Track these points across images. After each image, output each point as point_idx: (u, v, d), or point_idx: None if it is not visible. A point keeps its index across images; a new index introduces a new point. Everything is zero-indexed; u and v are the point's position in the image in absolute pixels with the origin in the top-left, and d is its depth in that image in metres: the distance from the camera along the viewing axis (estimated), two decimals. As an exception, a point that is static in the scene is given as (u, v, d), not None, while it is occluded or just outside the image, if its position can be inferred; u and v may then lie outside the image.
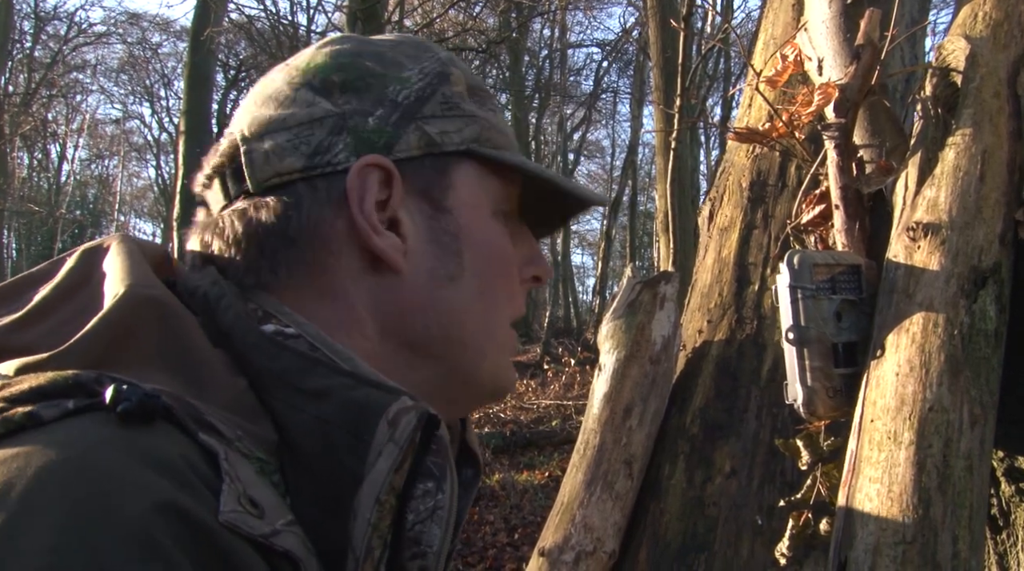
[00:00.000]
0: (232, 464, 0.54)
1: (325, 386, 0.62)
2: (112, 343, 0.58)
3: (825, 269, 1.18)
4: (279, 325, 0.67)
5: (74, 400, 0.52)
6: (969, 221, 1.12)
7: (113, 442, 0.49)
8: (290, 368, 0.63)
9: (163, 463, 0.49)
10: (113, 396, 0.51)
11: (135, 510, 0.45)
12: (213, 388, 0.60)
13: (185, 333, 0.62)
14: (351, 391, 0.62)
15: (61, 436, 0.49)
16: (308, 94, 0.74)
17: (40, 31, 24.21)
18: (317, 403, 0.62)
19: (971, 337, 1.05)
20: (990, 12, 1.29)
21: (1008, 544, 1.15)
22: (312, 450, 0.61)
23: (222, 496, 0.50)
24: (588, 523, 1.91)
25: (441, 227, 0.75)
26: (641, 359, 2.04)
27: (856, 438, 1.07)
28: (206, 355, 0.63)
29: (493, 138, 0.78)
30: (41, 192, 27.68)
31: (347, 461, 0.60)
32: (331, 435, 0.60)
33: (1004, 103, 1.21)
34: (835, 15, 1.49)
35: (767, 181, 2.13)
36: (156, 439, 0.51)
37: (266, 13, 15.22)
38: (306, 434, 0.61)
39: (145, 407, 0.52)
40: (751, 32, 11.68)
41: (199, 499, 0.49)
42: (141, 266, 0.66)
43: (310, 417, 0.61)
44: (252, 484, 0.55)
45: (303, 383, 0.62)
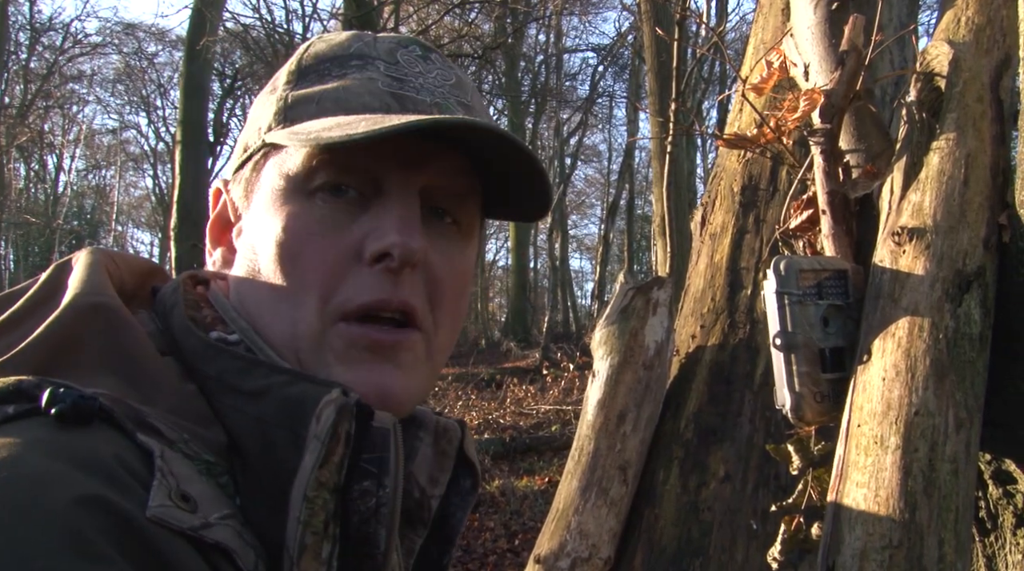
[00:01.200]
0: (167, 461, 0.55)
1: (263, 385, 0.63)
2: (57, 349, 0.60)
3: (811, 275, 1.19)
4: (223, 332, 0.70)
5: (14, 406, 0.53)
6: (954, 225, 1.13)
7: (43, 444, 0.51)
8: (228, 369, 0.65)
9: (91, 462, 0.51)
10: (48, 399, 0.53)
11: (60, 503, 0.46)
12: (159, 393, 0.62)
13: (131, 340, 0.64)
14: (287, 387, 0.63)
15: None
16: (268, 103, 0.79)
17: (36, 42, 24.22)
18: (256, 403, 0.63)
19: (956, 341, 1.06)
20: (973, 17, 1.30)
21: (996, 546, 1.16)
22: (254, 449, 0.62)
23: (151, 491, 0.52)
24: (583, 529, 1.91)
25: (247, 227, 0.76)
26: (635, 365, 2.05)
27: (843, 443, 1.08)
28: (152, 361, 0.64)
29: (294, 114, 0.73)
30: (38, 203, 27.68)
31: (285, 458, 0.60)
32: (269, 433, 0.61)
33: (987, 107, 1.21)
34: (820, 21, 1.49)
35: (758, 186, 2.13)
36: (88, 440, 0.53)
37: (261, 22, 15.26)
38: (248, 434, 0.62)
39: (80, 409, 0.53)
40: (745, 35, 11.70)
41: (127, 494, 0.50)
42: (96, 276, 0.68)
43: (250, 417, 0.62)
44: (187, 480, 0.55)
45: (242, 384, 0.64)
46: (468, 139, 0.72)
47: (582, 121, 28.22)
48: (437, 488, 0.80)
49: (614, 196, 27.41)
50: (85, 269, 0.68)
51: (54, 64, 24.42)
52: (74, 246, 26.44)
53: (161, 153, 29.02)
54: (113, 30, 26.58)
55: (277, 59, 14.48)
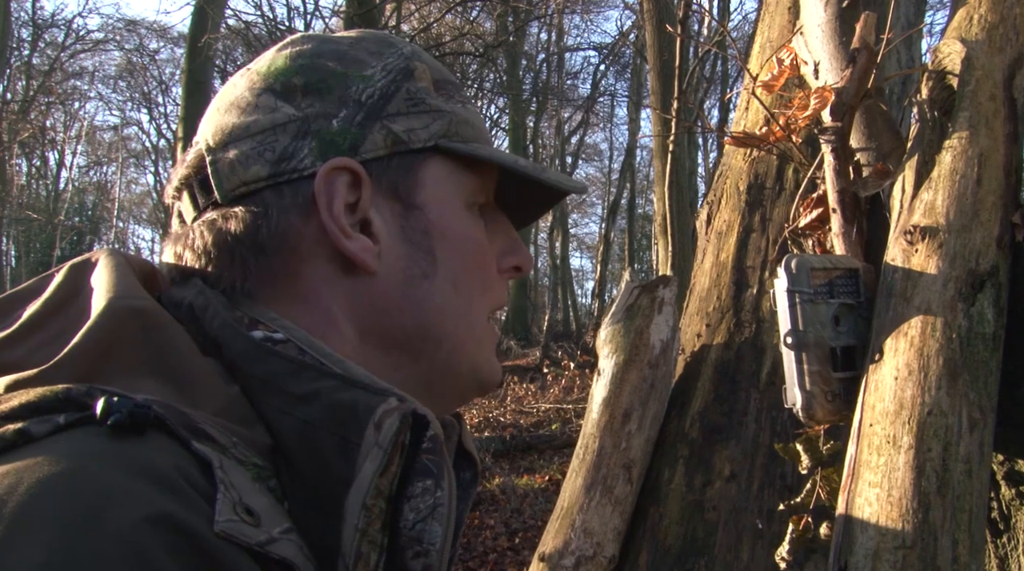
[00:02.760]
0: (227, 472, 0.53)
1: (313, 389, 0.62)
2: (99, 355, 0.58)
3: (823, 273, 1.18)
4: (267, 331, 0.68)
5: (65, 415, 0.52)
6: (966, 224, 1.12)
7: (104, 455, 0.49)
8: (278, 372, 0.63)
9: (155, 474, 0.49)
10: (104, 409, 0.51)
11: (127, 522, 0.44)
12: (204, 396, 0.61)
13: (172, 342, 0.62)
14: (338, 393, 0.62)
15: (53, 451, 0.48)
16: (270, 99, 0.73)
17: (38, 38, 24.23)
18: (304, 406, 0.62)
19: (969, 340, 1.05)
20: (986, 15, 1.29)
21: (1009, 547, 1.15)
22: (301, 453, 0.61)
23: (217, 505, 0.50)
24: (588, 528, 1.91)
25: (412, 225, 0.75)
26: (640, 363, 2.04)
27: (855, 442, 1.07)
28: (195, 363, 0.63)
29: (462, 131, 0.78)
30: (40, 199, 27.67)
31: (335, 464, 0.59)
32: (317, 438, 0.60)
33: (1000, 106, 1.21)
34: (830, 19, 1.49)
35: (764, 184, 2.13)
36: (148, 450, 0.51)
37: (263, 19, 15.25)
38: (294, 437, 0.61)
39: (136, 418, 0.51)
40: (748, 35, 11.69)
41: (194, 509, 0.49)
42: (127, 278, 0.66)
43: (298, 420, 0.61)
44: (248, 491, 0.54)
45: (291, 387, 0.62)
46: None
47: (583, 120, 28.21)
48: None
49: (615, 195, 27.41)
50: (113, 271, 0.66)
51: (56, 60, 24.42)
52: (75, 242, 26.45)
53: (163, 150, 29.04)
54: (115, 26, 26.61)
55: (279, 56, 14.46)
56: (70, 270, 0.68)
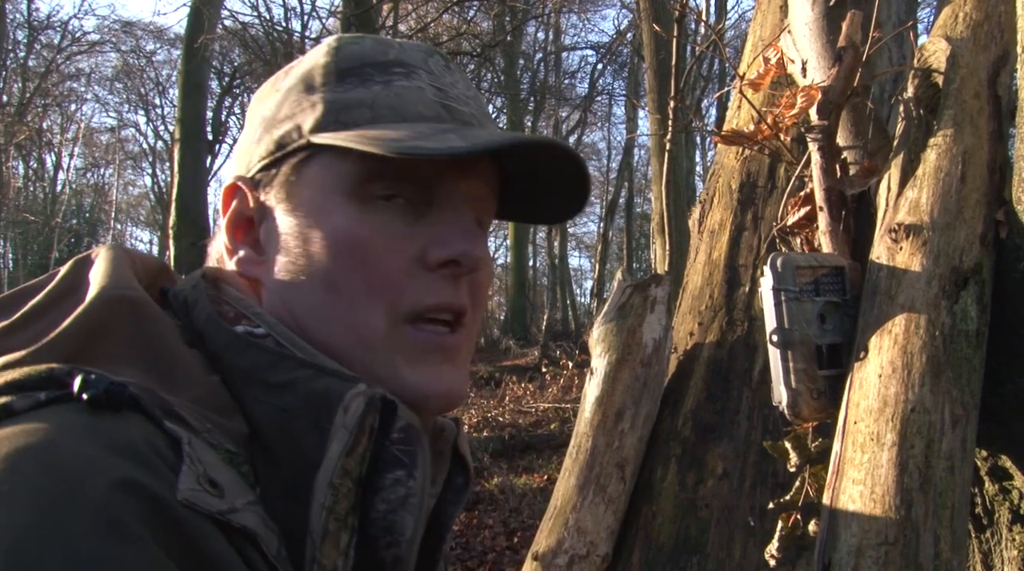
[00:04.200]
0: (194, 448, 0.56)
1: (290, 379, 0.65)
2: (86, 339, 0.61)
3: (808, 271, 1.19)
4: (250, 326, 0.71)
5: (46, 392, 0.55)
6: (950, 222, 1.13)
7: (77, 428, 0.52)
8: (258, 363, 0.66)
9: (124, 445, 0.52)
10: (80, 385, 0.54)
11: (96, 487, 0.48)
12: (184, 383, 0.63)
13: (158, 332, 0.65)
14: (312, 381, 0.64)
15: (31, 425, 0.52)
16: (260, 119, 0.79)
17: (34, 40, 24.19)
18: (281, 395, 0.64)
19: (952, 337, 1.06)
20: (970, 13, 1.30)
21: (992, 542, 1.15)
22: (277, 440, 0.63)
23: (181, 476, 0.53)
24: (581, 527, 1.91)
25: (289, 230, 0.73)
26: (632, 362, 2.05)
27: (840, 440, 1.08)
28: (178, 353, 0.66)
29: (345, 117, 0.73)
30: (37, 202, 27.63)
31: (308, 448, 0.62)
32: (294, 424, 0.63)
33: (985, 104, 1.21)
34: (818, 17, 1.49)
35: (756, 183, 2.13)
36: (120, 425, 0.54)
37: (260, 19, 15.25)
38: (272, 425, 0.64)
39: (111, 396, 0.55)
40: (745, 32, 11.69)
41: (159, 478, 0.52)
42: (120, 269, 0.69)
43: (275, 408, 0.64)
44: (213, 467, 0.57)
45: (270, 377, 0.65)
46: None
47: (581, 119, 28.19)
48: (434, 487, 0.81)
49: (613, 194, 27.40)
50: (108, 263, 0.69)
51: (52, 62, 24.38)
52: (73, 244, 26.43)
53: (160, 151, 29.01)
54: (111, 28, 26.54)
55: (276, 57, 14.48)
56: (74, 265, 0.71)
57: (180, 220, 12.81)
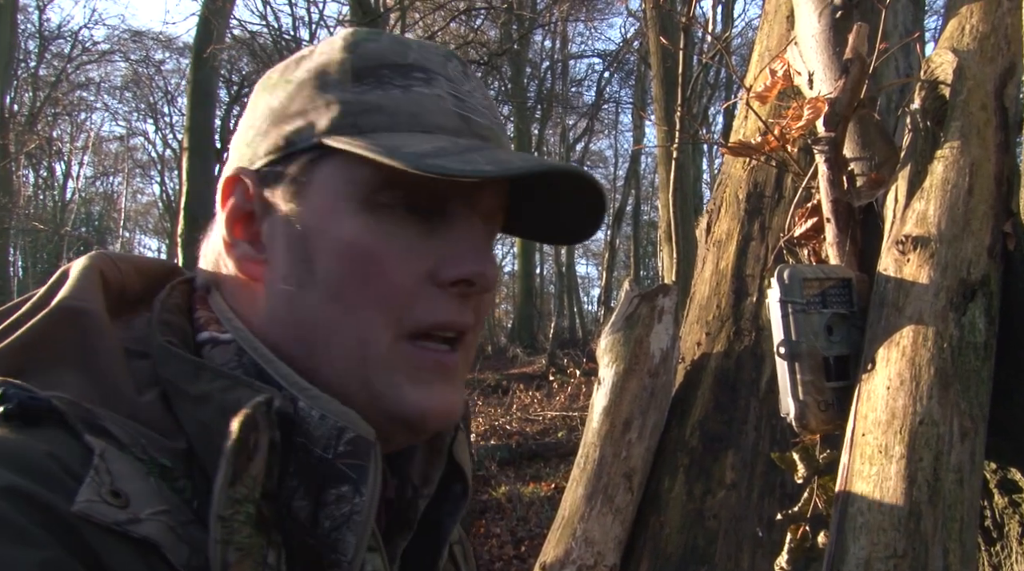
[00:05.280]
0: (106, 460, 0.56)
1: (206, 391, 0.63)
2: (30, 352, 0.62)
3: (816, 283, 1.19)
4: (217, 331, 0.69)
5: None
6: (958, 234, 1.13)
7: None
8: (178, 374, 0.64)
9: (17, 457, 0.53)
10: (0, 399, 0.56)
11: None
12: (121, 398, 0.63)
13: (102, 345, 0.65)
14: (227, 393, 0.62)
15: None
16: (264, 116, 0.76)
17: (44, 50, 24.34)
18: (200, 408, 0.62)
19: (961, 350, 1.06)
20: (977, 25, 1.30)
21: (1002, 556, 1.15)
22: (204, 455, 0.61)
23: (81, 488, 0.53)
24: (589, 537, 1.91)
25: (293, 230, 0.69)
26: (640, 372, 2.05)
27: (848, 452, 1.08)
28: (117, 366, 0.64)
29: (363, 122, 0.69)
30: (46, 210, 27.76)
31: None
32: (212, 440, 0.60)
33: (991, 115, 1.21)
34: (824, 29, 1.49)
35: (764, 193, 2.14)
36: (29, 438, 0.55)
37: (268, 29, 15.31)
38: (197, 439, 0.62)
39: (27, 409, 0.56)
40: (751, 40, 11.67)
41: (54, 489, 0.52)
42: (84, 281, 0.68)
43: (197, 423, 0.62)
44: (125, 478, 0.56)
45: (191, 389, 0.63)
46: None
47: (588, 127, 28.22)
48: (428, 487, 0.79)
49: (620, 202, 27.40)
50: (76, 275, 0.69)
51: (62, 71, 24.53)
52: (82, 253, 26.38)
53: (168, 160, 29.10)
54: (121, 37, 26.69)
55: (284, 66, 14.51)
56: (58, 276, 0.71)
57: (188, 228, 12.85)
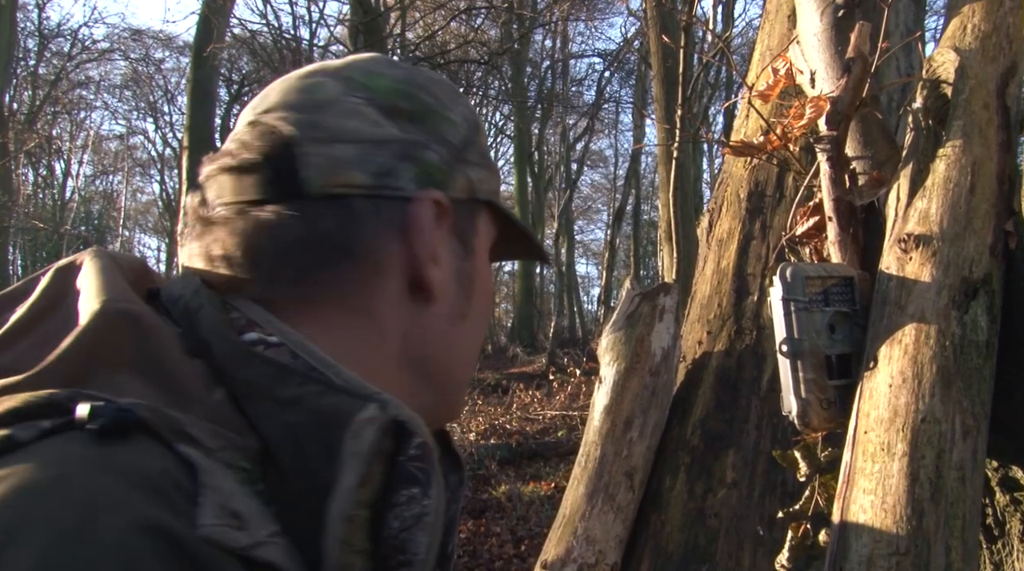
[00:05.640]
0: (211, 475, 0.53)
1: (296, 395, 0.62)
2: (87, 359, 0.58)
3: (818, 281, 1.19)
4: (262, 333, 0.67)
5: (51, 420, 0.52)
6: (960, 232, 1.13)
7: (90, 461, 0.49)
8: (262, 376, 0.63)
9: (142, 479, 0.49)
10: (89, 413, 0.51)
11: (115, 530, 0.45)
12: (191, 399, 0.60)
13: (160, 345, 0.62)
14: (320, 398, 0.62)
15: (38, 458, 0.49)
16: (375, 113, 0.73)
17: (44, 48, 24.33)
18: (288, 411, 0.61)
19: (963, 348, 1.06)
20: (979, 24, 1.30)
21: (1004, 554, 1.15)
22: (287, 458, 0.60)
23: (200, 509, 0.50)
24: (590, 536, 1.91)
25: (465, 268, 0.78)
26: (641, 371, 2.05)
27: (850, 450, 1.08)
28: (182, 367, 0.62)
29: (489, 188, 0.82)
30: (46, 209, 27.74)
31: (318, 471, 0.59)
32: (301, 444, 0.60)
33: (993, 115, 1.21)
34: (826, 28, 1.50)
35: (765, 192, 2.14)
36: (134, 454, 0.51)
37: (268, 28, 15.30)
38: (280, 441, 0.61)
39: (119, 422, 0.52)
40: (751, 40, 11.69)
41: (178, 514, 0.49)
42: (115, 280, 0.66)
43: (283, 425, 0.61)
44: (233, 495, 0.54)
45: (276, 392, 0.62)
46: None
47: (588, 126, 28.20)
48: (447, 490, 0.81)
49: (620, 201, 27.41)
50: (100, 273, 0.66)
51: (62, 70, 24.53)
52: (81, 251, 26.41)
53: (168, 158, 29.12)
54: (120, 36, 26.71)
55: (284, 65, 14.51)
56: (56, 273, 0.68)
57: (188, 227, 12.80)
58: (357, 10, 12.14)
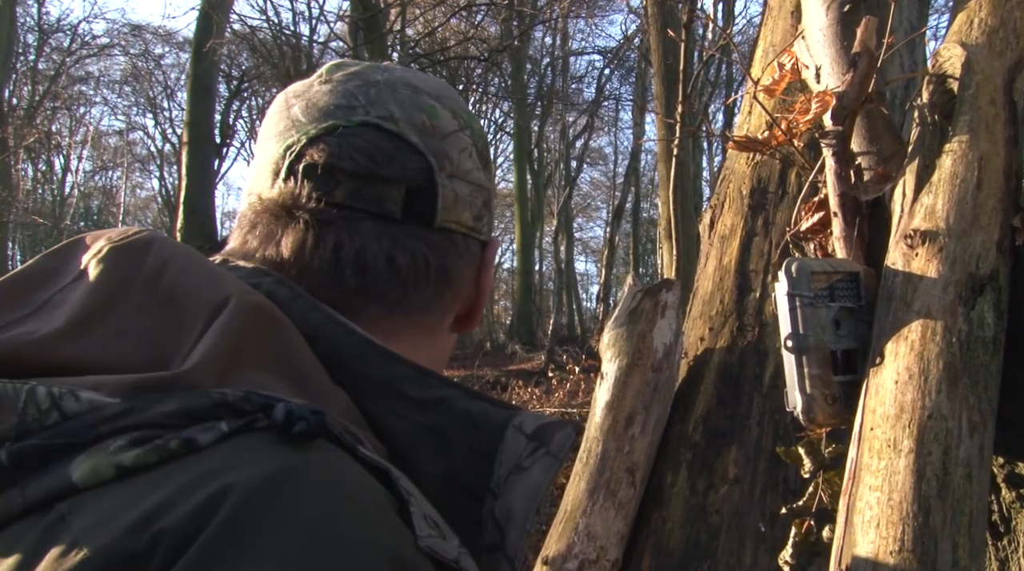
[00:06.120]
0: (407, 482, 0.52)
1: (438, 396, 0.63)
2: (232, 356, 0.56)
3: (823, 277, 1.19)
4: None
5: (226, 422, 0.50)
6: (966, 228, 1.12)
7: (303, 469, 0.48)
8: (399, 376, 0.63)
9: (365, 496, 0.49)
10: (286, 417, 0.50)
11: (363, 563, 0.44)
12: (326, 398, 0.59)
13: (291, 342, 0.60)
14: (466, 402, 0.63)
15: (234, 460, 0.47)
16: (477, 156, 0.79)
17: (43, 44, 24.30)
18: (426, 412, 0.62)
19: (969, 344, 1.05)
20: (986, 19, 1.30)
21: (1009, 550, 1.15)
22: (424, 462, 0.60)
23: (413, 519, 0.49)
24: (591, 531, 1.91)
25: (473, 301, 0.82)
26: (643, 367, 2.04)
27: (856, 446, 1.07)
28: (312, 363, 0.61)
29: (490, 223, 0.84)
30: (45, 204, 27.72)
31: (468, 476, 0.60)
32: (447, 447, 0.61)
33: (1000, 110, 1.21)
34: (832, 23, 1.49)
35: (767, 188, 2.13)
36: (336, 463, 0.50)
37: (268, 24, 15.27)
38: (416, 445, 0.61)
39: (318, 426, 0.50)
40: (752, 38, 11.68)
41: (403, 535, 0.48)
42: (219, 267, 0.63)
43: (419, 426, 0.61)
44: (424, 502, 0.53)
45: (413, 392, 0.63)
46: None
47: (588, 124, 28.18)
48: None
49: (620, 199, 27.38)
50: (197, 259, 0.62)
51: (62, 65, 24.50)
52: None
53: (168, 154, 29.07)
54: (120, 31, 26.66)
55: (284, 61, 14.50)
56: (115, 255, 0.61)
57: (188, 223, 12.84)
58: (357, 6, 12.11)
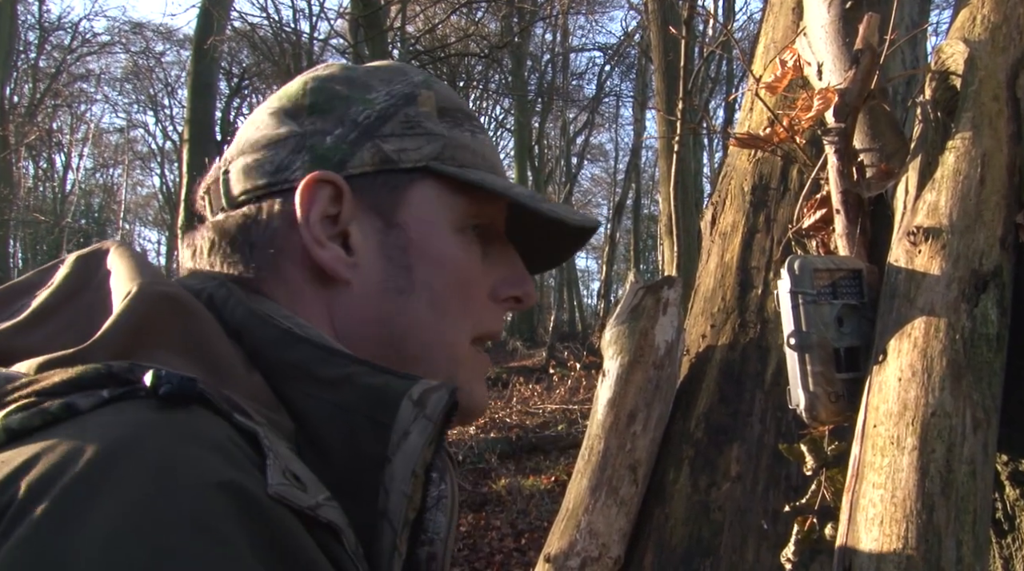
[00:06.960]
0: (272, 441, 0.56)
1: (343, 374, 0.65)
2: (135, 336, 0.60)
3: (826, 274, 1.18)
4: (290, 321, 0.71)
5: (108, 389, 0.53)
6: (970, 225, 1.12)
7: (161, 424, 0.51)
8: (308, 358, 0.67)
9: (212, 442, 0.51)
10: (153, 381, 0.53)
11: (195, 488, 0.46)
12: (234, 378, 0.63)
13: (203, 328, 0.65)
14: (369, 377, 0.65)
15: (105, 423, 0.50)
16: (279, 117, 0.79)
17: (44, 41, 24.32)
18: (334, 391, 0.65)
19: (973, 341, 1.05)
20: (989, 15, 1.29)
21: (1013, 548, 1.15)
22: (328, 435, 0.63)
23: (268, 471, 0.52)
24: (593, 529, 1.91)
25: (391, 242, 0.77)
26: (645, 364, 2.04)
27: (859, 443, 1.07)
28: (225, 348, 0.65)
29: (459, 155, 0.80)
30: (46, 202, 27.75)
31: (368, 446, 0.62)
32: (352, 421, 0.63)
33: (1003, 106, 1.20)
34: (834, 20, 1.49)
35: (769, 185, 2.13)
36: (199, 421, 0.53)
37: (269, 21, 15.27)
38: (322, 420, 0.64)
39: (185, 390, 0.53)
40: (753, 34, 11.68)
41: (247, 474, 0.51)
42: (149, 266, 0.68)
43: (328, 405, 0.64)
44: (291, 460, 0.57)
45: (321, 372, 0.66)
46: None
47: (588, 120, 28.19)
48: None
49: (620, 195, 27.38)
50: (132, 259, 0.68)
51: (62, 63, 24.51)
52: (82, 244, 26.47)
53: (168, 152, 29.11)
54: (121, 29, 26.69)
55: (284, 58, 14.50)
56: (77, 261, 0.70)
57: (188, 220, 12.86)
58: (357, 3, 12.10)
